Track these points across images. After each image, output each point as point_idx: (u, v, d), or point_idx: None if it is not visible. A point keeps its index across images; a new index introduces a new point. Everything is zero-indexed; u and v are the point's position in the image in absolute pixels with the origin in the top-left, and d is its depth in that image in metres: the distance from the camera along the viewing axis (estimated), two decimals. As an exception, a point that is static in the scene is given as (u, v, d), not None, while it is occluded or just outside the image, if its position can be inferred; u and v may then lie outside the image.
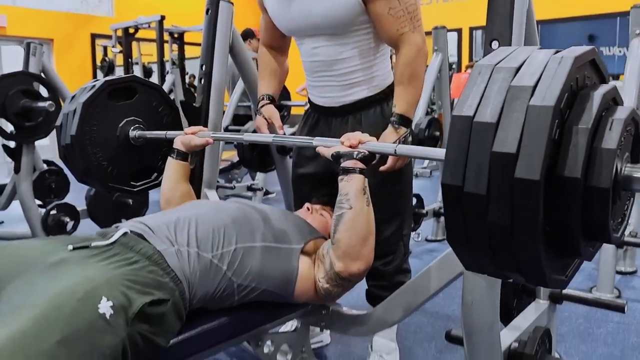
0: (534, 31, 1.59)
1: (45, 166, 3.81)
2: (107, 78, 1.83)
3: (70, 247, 1.13)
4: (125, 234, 1.21)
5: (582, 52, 0.81)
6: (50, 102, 2.89)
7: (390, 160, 1.55)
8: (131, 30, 7.25)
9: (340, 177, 1.28)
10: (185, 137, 1.59)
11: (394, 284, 1.69)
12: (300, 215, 1.54)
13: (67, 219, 3.31)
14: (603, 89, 0.81)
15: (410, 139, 1.58)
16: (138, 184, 1.87)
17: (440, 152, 1.12)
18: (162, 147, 1.86)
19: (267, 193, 4.87)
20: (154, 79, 7.74)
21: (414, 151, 1.25)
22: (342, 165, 1.27)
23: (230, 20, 2.00)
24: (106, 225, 3.49)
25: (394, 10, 1.49)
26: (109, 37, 8.09)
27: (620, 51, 9.78)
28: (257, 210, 1.41)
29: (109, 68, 8.15)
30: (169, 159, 1.62)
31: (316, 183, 1.77)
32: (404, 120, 1.54)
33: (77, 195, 3.62)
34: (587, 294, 1.72)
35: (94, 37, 9.52)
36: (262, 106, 1.81)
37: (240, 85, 4.24)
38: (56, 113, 3.02)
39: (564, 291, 1.70)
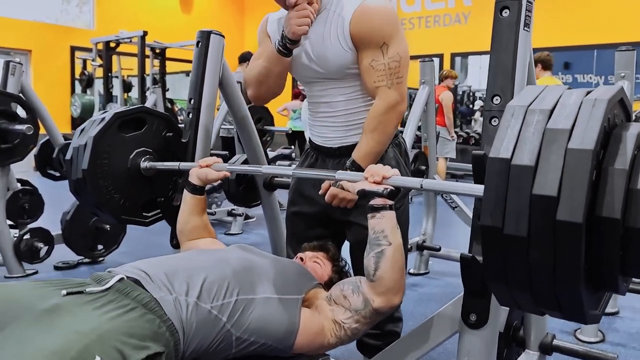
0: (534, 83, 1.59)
1: (19, 185, 3.66)
2: (116, 110, 1.81)
3: (64, 292, 1.07)
4: (121, 279, 1.16)
5: (614, 94, 0.82)
6: (29, 125, 2.80)
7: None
8: (112, 44, 7.17)
9: (370, 215, 1.27)
10: (201, 171, 1.56)
11: (385, 332, 1.69)
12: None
13: (40, 245, 3.19)
14: (635, 128, 0.83)
15: None
16: (150, 214, 1.85)
17: (472, 188, 1.05)
18: (173, 176, 1.83)
19: (247, 217, 4.80)
20: (134, 93, 7.65)
21: (443, 186, 1.23)
22: (371, 203, 1.26)
23: (220, 54, 1.96)
24: (82, 252, 3.38)
25: (376, 63, 1.51)
26: (89, 50, 7.97)
27: (596, 80, 9.98)
28: (259, 260, 1.37)
29: (88, 81, 8.04)
30: (185, 191, 1.60)
31: (310, 222, 1.75)
32: (356, 167, 1.55)
33: (52, 216, 3.51)
34: (578, 346, 1.70)
35: (73, 49, 9.34)
36: None
37: (224, 108, 4.18)
38: (34, 136, 2.93)
39: (554, 342, 1.69)
